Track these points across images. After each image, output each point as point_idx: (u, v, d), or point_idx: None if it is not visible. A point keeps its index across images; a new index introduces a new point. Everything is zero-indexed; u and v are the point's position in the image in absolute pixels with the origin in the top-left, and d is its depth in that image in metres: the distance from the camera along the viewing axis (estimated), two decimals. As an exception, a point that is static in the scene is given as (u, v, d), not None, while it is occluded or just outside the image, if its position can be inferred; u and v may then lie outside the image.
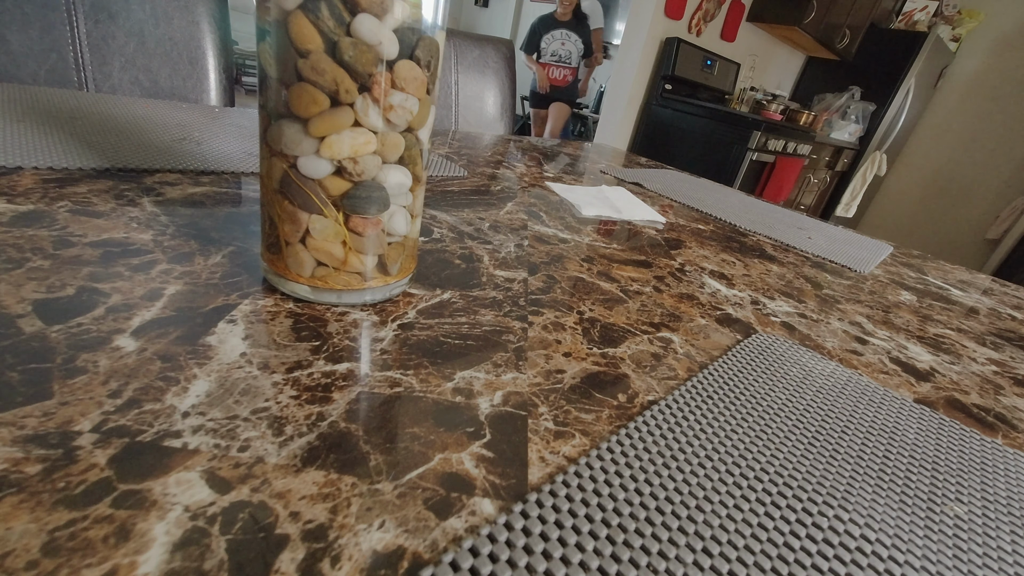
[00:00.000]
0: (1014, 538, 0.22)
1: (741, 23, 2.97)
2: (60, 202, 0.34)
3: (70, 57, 0.69)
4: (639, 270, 0.45)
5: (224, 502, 0.16)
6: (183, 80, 0.78)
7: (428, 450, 0.20)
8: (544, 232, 0.50)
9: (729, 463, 0.23)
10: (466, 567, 0.16)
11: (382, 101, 0.25)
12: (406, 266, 0.31)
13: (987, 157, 3.38)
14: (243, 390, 0.21)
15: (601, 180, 0.81)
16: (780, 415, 0.27)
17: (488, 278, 0.37)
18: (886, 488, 0.24)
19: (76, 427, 0.18)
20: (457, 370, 0.26)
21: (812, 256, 0.64)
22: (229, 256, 0.32)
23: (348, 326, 0.27)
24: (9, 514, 0.15)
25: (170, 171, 0.44)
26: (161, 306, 0.25)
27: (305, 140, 0.25)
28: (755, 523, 0.20)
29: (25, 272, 0.26)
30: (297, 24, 0.23)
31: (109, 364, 0.21)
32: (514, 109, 1.28)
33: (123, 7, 0.72)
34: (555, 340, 0.31)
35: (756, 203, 0.90)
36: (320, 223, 0.26)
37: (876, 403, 0.31)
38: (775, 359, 0.34)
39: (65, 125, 0.48)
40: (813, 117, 3.01)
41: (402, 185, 0.28)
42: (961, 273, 0.72)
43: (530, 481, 0.20)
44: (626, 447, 0.22)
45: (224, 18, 0.82)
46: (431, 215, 0.47)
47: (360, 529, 0.17)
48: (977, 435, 0.30)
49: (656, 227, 0.61)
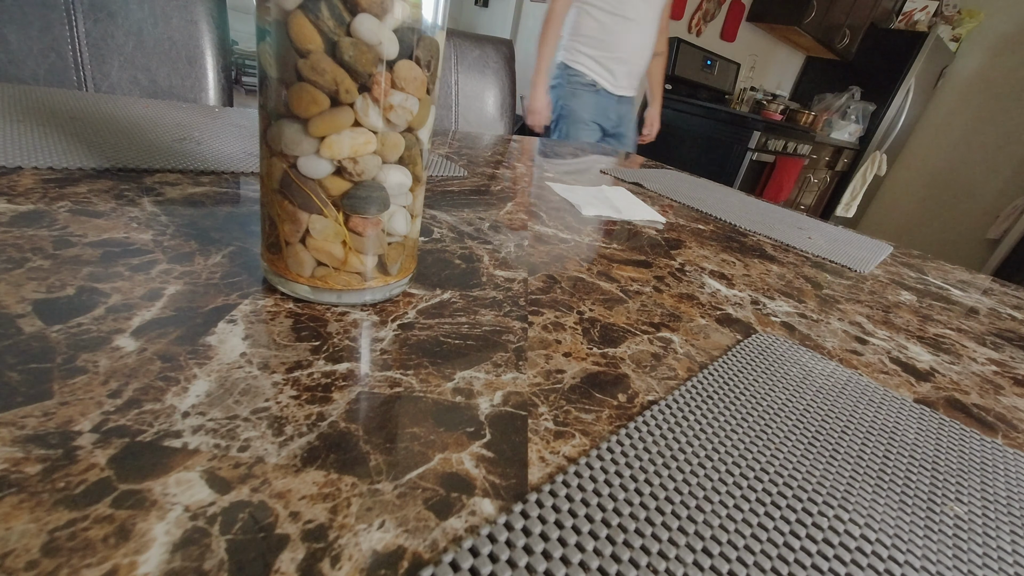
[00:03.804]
0: (1014, 538, 0.22)
1: (741, 23, 2.97)
2: (60, 202, 0.34)
3: (69, 56, 0.69)
4: (639, 270, 0.45)
5: (224, 502, 0.16)
6: (182, 79, 0.78)
7: (428, 450, 0.20)
8: (544, 232, 0.50)
9: (729, 463, 0.23)
10: (466, 567, 0.16)
11: (382, 101, 0.25)
12: (406, 266, 0.31)
13: (987, 157, 3.38)
14: (243, 390, 0.21)
15: (601, 180, 0.81)
16: (780, 415, 0.27)
17: (488, 278, 0.37)
18: (886, 488, 0.24)
19: (76, 427, 0.18)
20: (457, 370, 0.26)
21: (812, 256, 0.64)
22: (229, 256, 0.32)
23: (348, 326, 0.27)
24: (9, 514, 0.15)
25: (170, 171, 0.44)
26: (161, 306, 0.25)
27: (305, 140, 0.25)
28: (755, 523, 0.20)
29: (25, 272, 0.26)
30: (297, 24, 0.23)
31: (109, 364, 0.21)
32: (514, 109, 1.28)
33: (122, 6, 0.72)
34: (555, 340, 0.31)
35: (756, 203, 0.90)
36: (320, 223, 0.26)
37: (876, 403, 0.31)
38: (775, 359, 0.34)
39: (65, 125, 0.48)
40: (813, 117, 3.02)
41: (402, 185, 0.28)
42: (961, 273, 0.72)
43: (530, 481, 0.20)
44: (626, 447, 0.22)
45: (223, 18, 0.82)
46: (431, 215, 0.47)
47: (360, 529, 0.17)
48: (977, 435, 0.30)
49: (656, 227, 0.61)
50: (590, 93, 1.57)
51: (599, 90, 1.58)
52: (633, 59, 1.57)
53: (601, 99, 1.59)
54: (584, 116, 1.59)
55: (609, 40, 1.51)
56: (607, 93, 1.59)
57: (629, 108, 1.68)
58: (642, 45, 1.56)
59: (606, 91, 1.58)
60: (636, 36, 1.53)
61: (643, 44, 1.56)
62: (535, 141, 1.05)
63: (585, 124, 1.59)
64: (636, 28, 1.51)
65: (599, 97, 1.59)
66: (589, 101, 1.58)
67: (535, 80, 1.48)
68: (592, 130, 1.62)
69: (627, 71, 1.59)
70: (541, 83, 1.48)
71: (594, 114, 1.60)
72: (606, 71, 1.56)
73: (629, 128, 1.71)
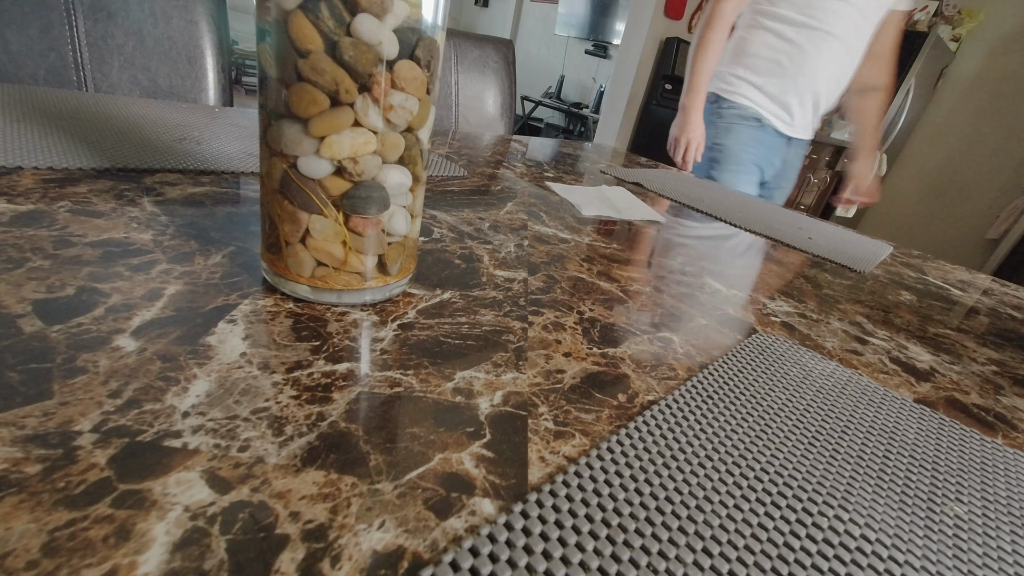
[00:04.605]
0: (1014, 538, 0.22)
1: (741, 23, 2.96)
2: (60, 202, 0.34)
3: (69, 56, 0.69)
4: (639, 270, 0.45)
5: (224, 502, 0.16)
6: (182, 79, 0.78)
7: (428, 450, 0.20)
8: (544, 232, 0.50)
9: (729, 463, 0.23)
10: (466, 567, 0.16)
11: (382, 101, 0.25)
12: (406, 266, 0.31)
13: (987, 157, 3.38)
14: (243, 390, 0.21)
15: (601, 180, 0.81)
16: (780, 415, 0.27)
17: (488, 278, 0.37)
18: (886, 488, 0.24)
19: (76, 427, 0.18)
20: (457, 370, 0.26)
21: (812, 256, 0.64)
22: (229, 256, 0.32)
23: (348, 326, 0.27)
24: (9, 514, 0.15)
25: (170, 171, 0.44)
26: (161, 306, 0.25)
27: (305, 140, 0.25)
28: (755, 523, 0.20)
29: (25, 272, 0.26)
30: (297, 24, 0.23)
31: (109, 364, 0.21)
32: (514, 109, 1.28)
33: (122, 6, 0.72)
34: (555, 340, 0.31)
35: (756, 203, 0.90)
36: (320, 223, 0.26)
37: (876, 403, 0.31)
38: (775, 359, 0.34)
39: (65, 125, 0.48)
40: (813, 117, 3.01)
41: (402, 185, 0.28)
42: (961, 273, 0.72)
43: (530, 481, 0.20)
44: (626, 447, 0.22)
45: (222, 18, 0.82)
46: (431, 215, 0.47)
47: (360, 529, 0.17)
48: (977, 435, 0.30)
49: (656, 227, 0.61)
50: (752, 128, 1.13)
51: (764, 126, 1.13)
52: (825, 90, 1.10)
53: (767, 137, 1.14)
54: (743, 156, 1.14)
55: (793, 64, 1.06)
56: (775, 132, 1.14)
57: (801, 154, 1.22)
58: (840, 72, 1.08)
59: (775, 129, 1.13)
60: (835, 58, 1.05)
61: (842, 70, 1.08)
62: (535, 141, 1.05)
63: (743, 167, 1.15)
64: (837, 48, 1.04)
65: (764, 134, 1.13)
66: (750, 137, 1.13)
67: (688, 102, 1.08)
68: (751, 174, 1.16)
69: (812, 105, 1.11)
70: (696, 105, 1.08)
71: (756, 155, 1.15)
72: (779, 107, 1.11)
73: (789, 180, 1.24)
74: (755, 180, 1.17)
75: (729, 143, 1.13)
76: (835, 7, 0.99)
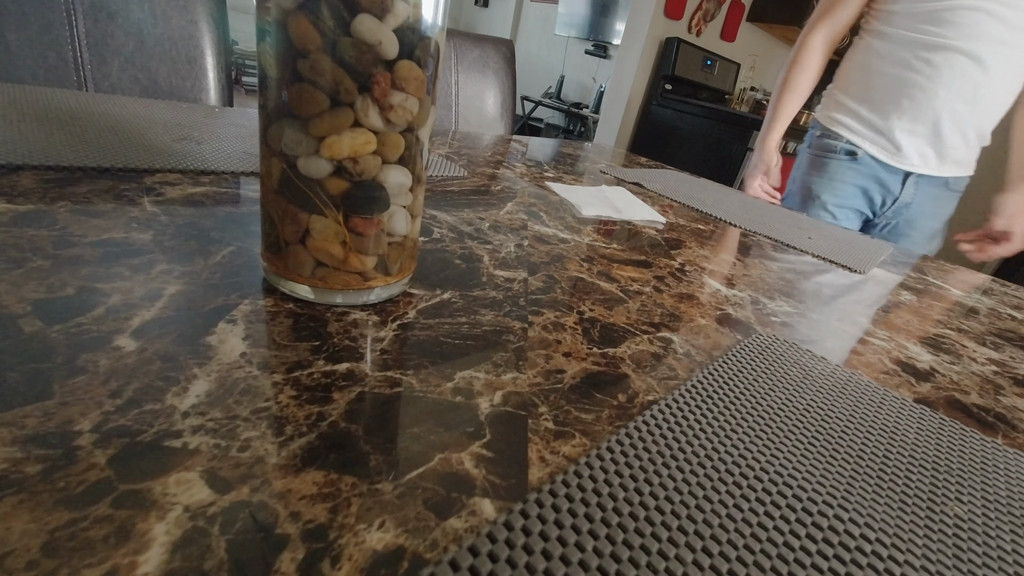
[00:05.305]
0: (1014, 538, 0.22)
1: (741, 23, 2.97)
2: (60, 202, 0.34)
3: (69, 56, 0.69)
4: (639, 270, 0.45)
5: (224, 502, 0.16)
6: (182, 79, 0.78)
7: (428, 450, 0.20)
8: (544, 232, 0.50)
9: (729, 463, 0.23)
10: (466, 567, 0.16)
11: (382, 101, 0.25)
12: (406, 266, 0.31)
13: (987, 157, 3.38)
14: (243, 390, 0.21)
15: (601, 180, 0.81)
16: (780, 415, 0.27)
17: (488, 278, 0.37)
18: (886, 488, 0.24)
19: (76, 427, 0.18)
20: (457, 370, 0.26)
21: (812, 256, 0.64)
22: (229, 256, 0.32)
23: (348, 326, 0.27)
24: (9, 514, 0.15)
25: (170, 171, 0.44)
26: (161, 306, 0.25)
27: (305, 140, 0.25)
28: (755, 523, 0.20)
29: (25, 272, 0.26)
30: (297, 24, 0.23)
31: (109, 364, 0.21)
32: (514, 109, 1.28)
33: (122, 6, 0.72)
34: (555, 340, 0.31)
35: (756, 203, 0.90)
36: (320, 223, 0.26)
37: (876, 403, 0.31)
38: (775, 359, 0.34)
39: (65, 125, 0.48)
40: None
41: (402, 185, 0.28)
42: (961, 273, 0.72)
43: (530, 481, 0.20)
44: (626, 447, 0.22)
45: (222, 18, 0.82)
46: (431, 215, 0.47)
47: (360, 529, 0.17)
48: (977, 435, 0.30)
49: (656, 227, 0.61)
50: (846, 166, 0.99)
51: (861, 157, 0.98)
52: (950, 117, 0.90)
53: (864, 169, 0.98)
54: (828, 198, 1.01)
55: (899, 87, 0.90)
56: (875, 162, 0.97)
57: (934, 194, 0.99)
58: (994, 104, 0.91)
59: (875, 159, 0.97)
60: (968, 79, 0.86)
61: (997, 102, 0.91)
62: (535, 141, 1.05)
63: (835, 199, 1.01)
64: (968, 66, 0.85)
65: (860, 166, 0.98)
66: (844, 174, 0.99)
67: (761, 138, 1.06)
68: (848, 218, 1.02)
69: (930, 135, 0.92)
70: (768, 140, 1.05)
71: (850, 195, 1.00)
72: (884, 137, 0.95)
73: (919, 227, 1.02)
74: (853, 217, 1.02)
75: (809, 181, 1.03)
76: (964, 19, 0.83)
